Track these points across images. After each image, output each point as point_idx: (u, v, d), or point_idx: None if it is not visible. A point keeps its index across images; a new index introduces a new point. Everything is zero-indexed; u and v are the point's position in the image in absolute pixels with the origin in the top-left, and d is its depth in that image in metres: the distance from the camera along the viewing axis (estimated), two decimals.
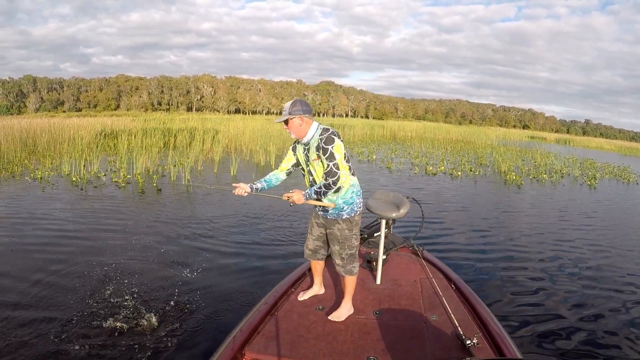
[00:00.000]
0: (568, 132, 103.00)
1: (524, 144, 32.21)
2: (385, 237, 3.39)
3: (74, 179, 9.49)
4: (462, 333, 2.39)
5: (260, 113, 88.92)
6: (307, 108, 2.58)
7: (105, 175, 10.11)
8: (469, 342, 2.29)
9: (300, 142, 2.70)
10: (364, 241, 3.95)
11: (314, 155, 2.58)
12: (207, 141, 14.82)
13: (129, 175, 9.96)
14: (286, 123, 2.59)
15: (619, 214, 9.26)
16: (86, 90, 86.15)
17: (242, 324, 2.49)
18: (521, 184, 12.28)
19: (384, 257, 3.39)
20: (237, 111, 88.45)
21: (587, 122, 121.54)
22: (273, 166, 13.29)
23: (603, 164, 21.43)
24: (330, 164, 2.49)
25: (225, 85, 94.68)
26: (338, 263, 2.76)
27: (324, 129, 2.58)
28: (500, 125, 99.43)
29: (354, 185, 2.66)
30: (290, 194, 2.60)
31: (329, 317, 2.66)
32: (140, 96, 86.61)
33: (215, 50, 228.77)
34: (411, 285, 3.20)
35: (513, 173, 13.79)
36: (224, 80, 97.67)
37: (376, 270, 3.27)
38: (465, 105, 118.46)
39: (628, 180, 15.61)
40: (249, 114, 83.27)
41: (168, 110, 78.56)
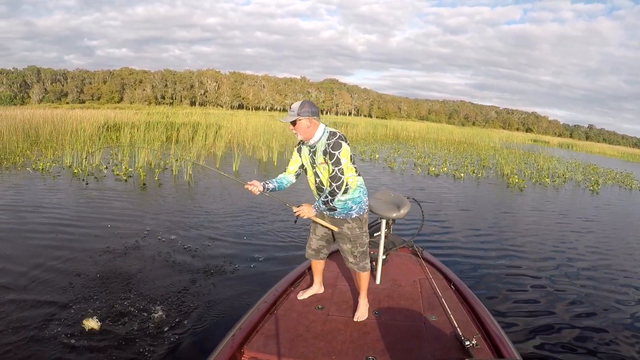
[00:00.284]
0: (571, 137, 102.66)
1: (527, 147, 32.10)
2: (385, 237, 3.37)
3: (76, 171, 9.50)
4: (461, 334, 2.39)
5: (264, 109, 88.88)
6: (315, 110, 2.57)
7: (107, 168, 10.12)
8: (467, 343, 2.29)
9: (305, 144, 2.68)
10: None
11: (320, 159, 2.57)
12: (210, 136, 14.81)
13: (130, 169, 9.97)
14: (293, 124, 2.56)
15: (620, 220, 9.22)
16: (90, 83, 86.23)
17: (242, 322, 2.48)
18: (524, 187, 12.25)
19: (384, 257, 3.38)
20: (241, 107, 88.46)
21: (591, 127, 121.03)
22: (275, 162, 13.30)
23: (606, 169, 21.37)
24: (335, 169, 2.49)
25: (229, 80, 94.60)
26: (351, 261, 2.79)
27: (331, 132, 2.56)
28: (504, 128, 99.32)
29: (360, 185, 2.67)
30: (300, 209, 2.59)
31: (354, 319, 2.65)
32: (144, 89, 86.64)
33: (220, 45, 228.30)
34: (411, 285, 3.19)
35: (516, 176, 13.74)
36: (228, 75, 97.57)
37: (376, 270, 3.26)
38: (469, 107, 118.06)
39: (631, 186, 15.55)
40: (252, 109, 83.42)
41: (171, 104, 78.56)
